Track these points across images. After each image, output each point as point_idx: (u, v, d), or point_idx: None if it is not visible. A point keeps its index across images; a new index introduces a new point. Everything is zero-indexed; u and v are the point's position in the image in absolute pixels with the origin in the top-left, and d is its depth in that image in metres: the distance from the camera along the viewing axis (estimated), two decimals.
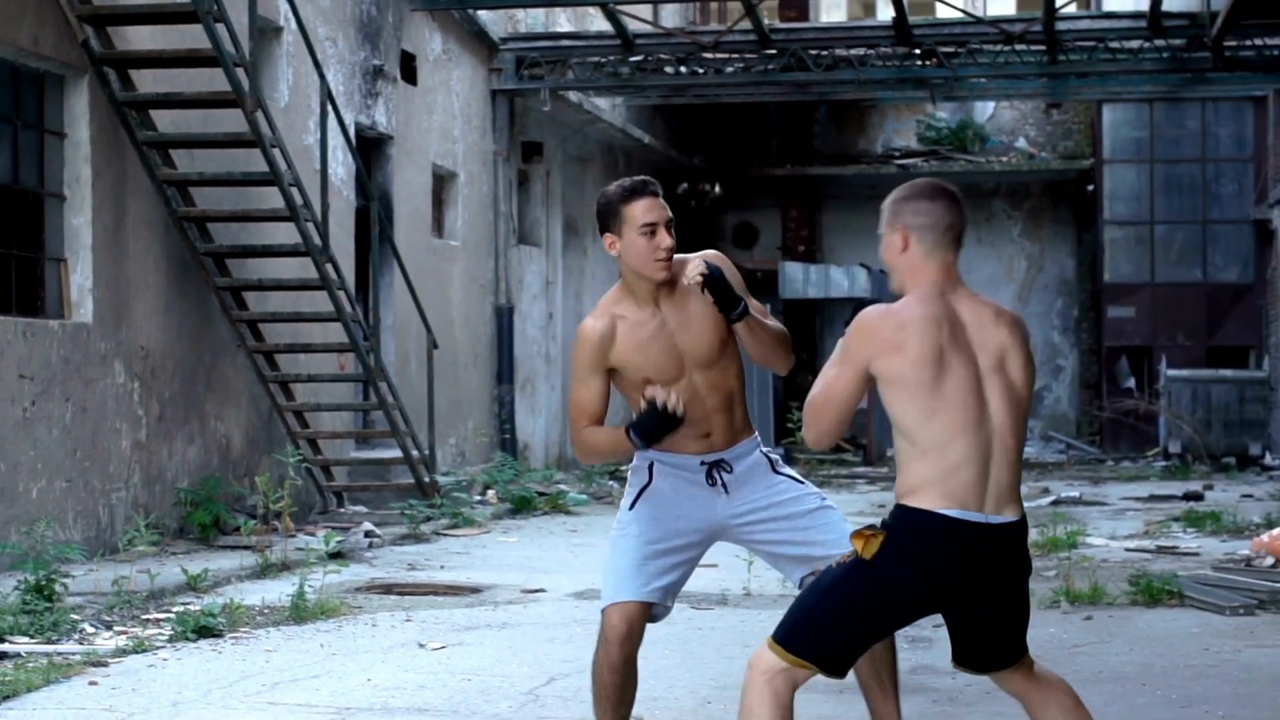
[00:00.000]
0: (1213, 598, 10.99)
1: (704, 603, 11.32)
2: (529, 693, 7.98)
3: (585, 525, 17.16)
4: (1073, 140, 34.18)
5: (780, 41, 22.57)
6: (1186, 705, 7.66)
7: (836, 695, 8.01)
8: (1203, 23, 21.58)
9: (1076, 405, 34.63)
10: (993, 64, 22.47)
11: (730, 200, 33.79)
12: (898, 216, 5.16)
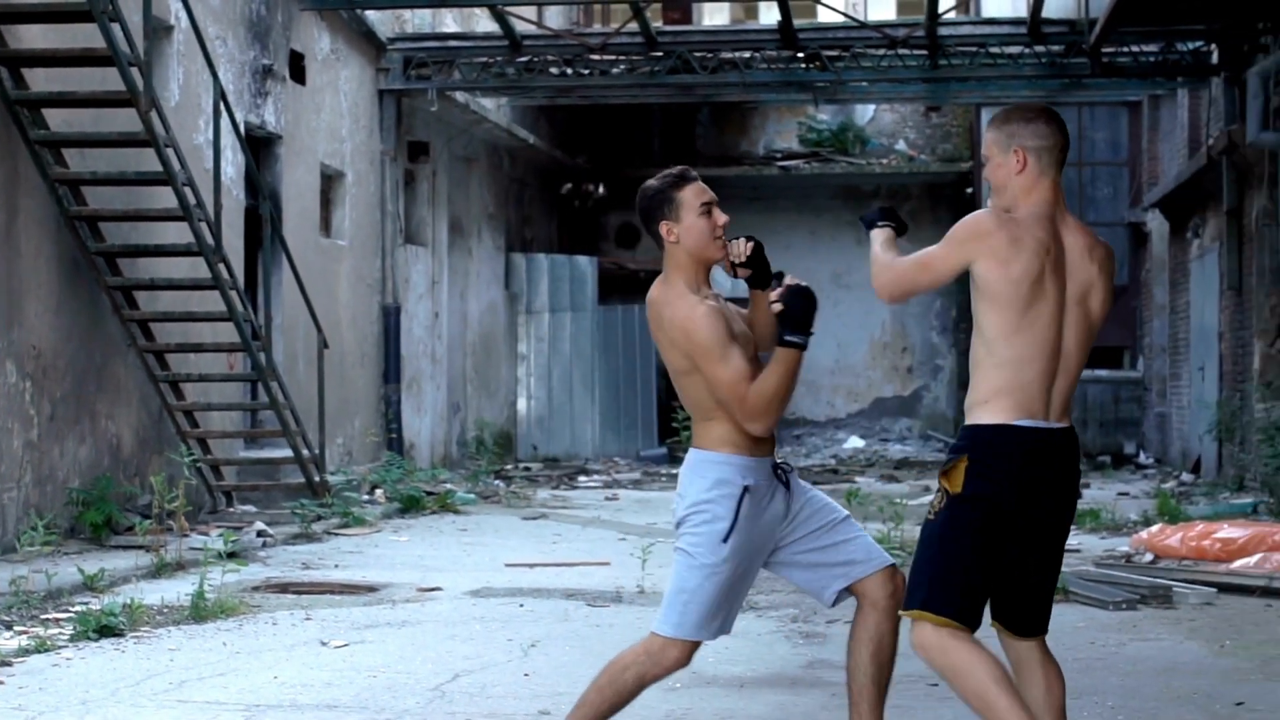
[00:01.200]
0: (1096, 593, 11.28)
1: (600, 600, 11.47)
2: (435, 689, 8.09)
3: (475, 524, 17.25)
4: (951, 143, 34.64)
5: (667, 44, 22.75)
6: (1076, 697, 7.87)
7: (738, 690, 8.20)
8: (1081, 30, 21.98)
9: (955, 404, 35.04)
10: (876, 68, 22.76)
11: (613, 200, 33.94)
12: (1013, 138, 5.51)
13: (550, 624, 10.37)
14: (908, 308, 35.17)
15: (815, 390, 35.07)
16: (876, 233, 5.81)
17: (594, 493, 22.25)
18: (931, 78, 23.27)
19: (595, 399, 29.57)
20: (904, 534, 14.49)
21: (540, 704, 7.72)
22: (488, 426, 26.83)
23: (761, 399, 5.76)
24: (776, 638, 9.89)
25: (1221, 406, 21.95)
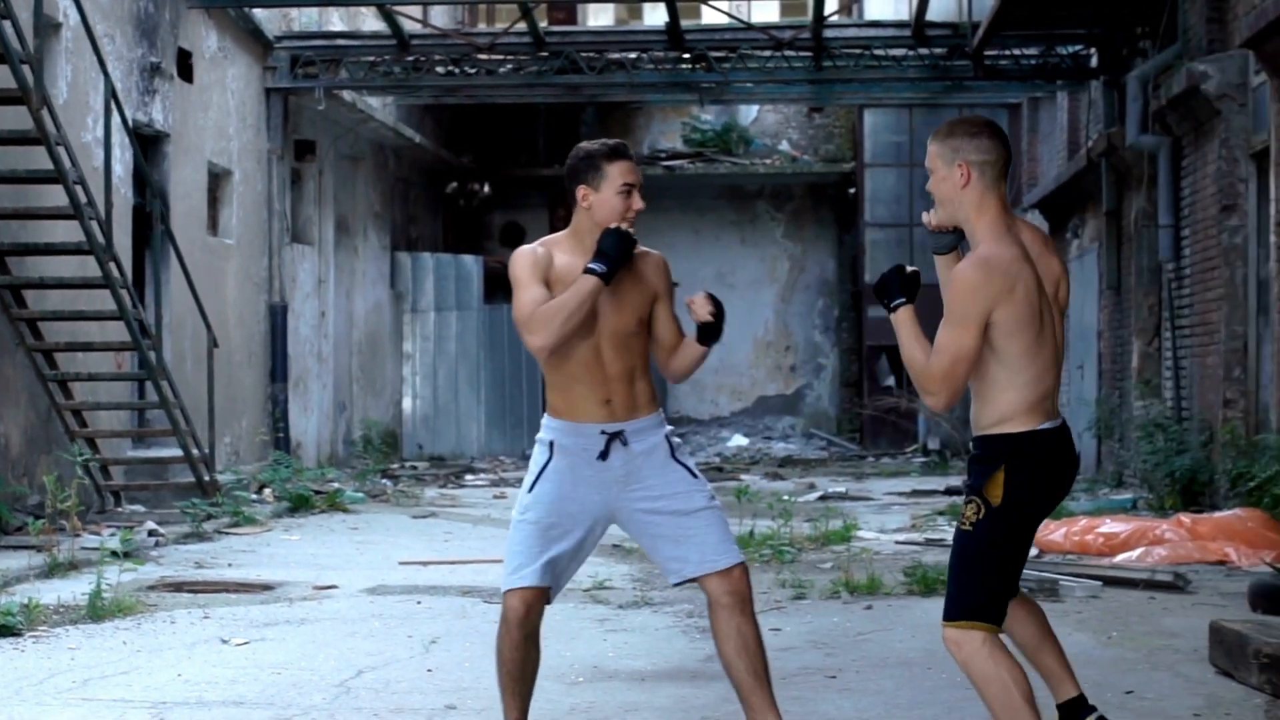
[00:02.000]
0: None
1: (495, 598, 11.48)
2: (340, 685, 8.14)
3: (365, 523, 17.27)
4: (834, 144, 34.95)
5: (555, 44, 22.86)
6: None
7: (639, 683, 8.31)
8: (964, 33, 22.31)
9: (837, 403, 35.41)
10: (762, 69, 22.98)
11: (498, 199, 34.03)
12: (958, 152, 5.62)
13: (449, 621, 10.44)
14: (790, 306, 35.52)
15: (700, 389, 35.27)
16: (902, 321, 5.80)
17: (481, 491, 22.31)
18: (816, 79, 23.52)
19: (481, 398, 29.61)
20: (793, 530, 14.71)
21: (445, 699, 7.80)
22: (374, 425, 26.81)
23: (545, 311, 6.02)
24: (674, 633, 10.00)
25: (1101, 404, 22.34)
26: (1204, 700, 7.57)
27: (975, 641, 5.60)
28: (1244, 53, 15.84)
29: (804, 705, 7.62)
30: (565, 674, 8.50)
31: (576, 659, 8.95)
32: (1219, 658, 8.28)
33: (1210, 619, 9.52)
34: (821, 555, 14.03)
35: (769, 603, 11.09)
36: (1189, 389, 17.94)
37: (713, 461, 29.53)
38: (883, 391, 32.03)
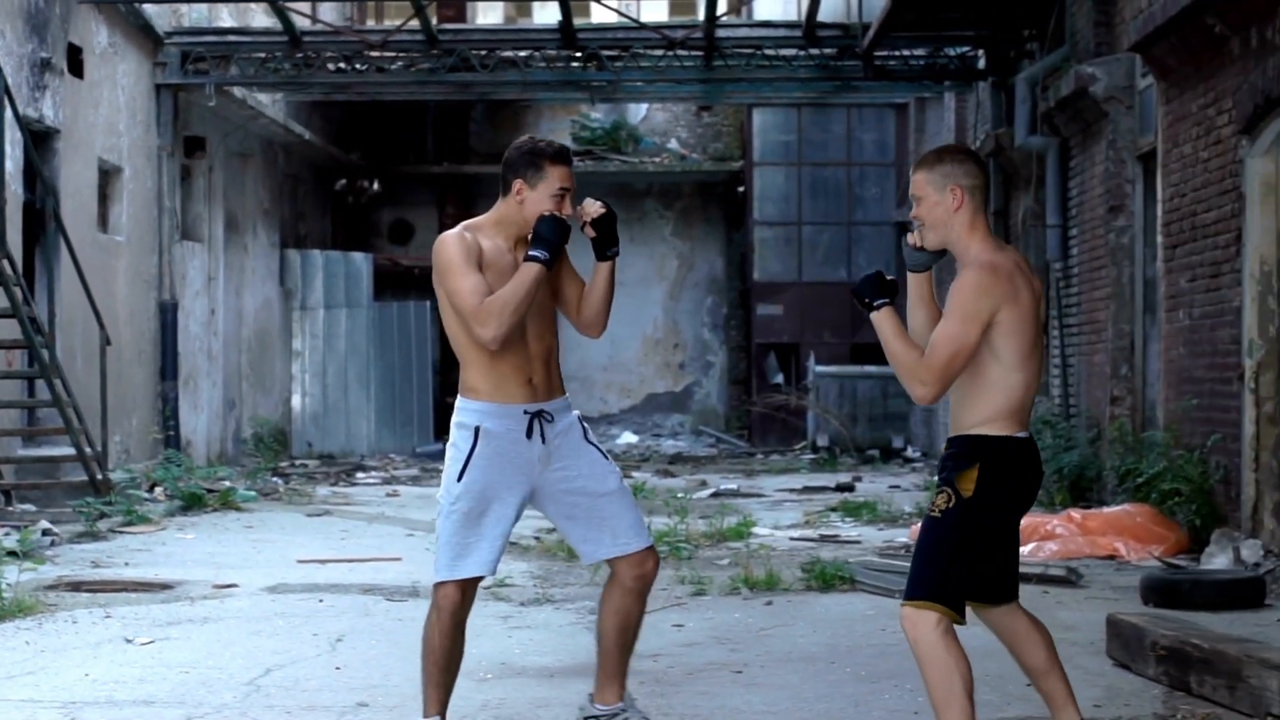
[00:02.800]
0: (882, 582, 11.62)
1: (398, 595, 11.56)
2: (250, 683, 8.16)
3: (260, 522, 17.20)
4: (723, 142, 35.12)
5: (448, 42, 22.85)
6: (877, 681, 8.20)
7: (548, 679, 8.38)
8: (855, 33, 22.51)
9: (726, 400, 35.58)
10: (654, 68, 23.09)
11: (387, 196, 33.92)
12: (948, 178, 5.97)
13: (353, 619, 10.46)
14: (679, 304, 35.64)
15: (589, 386, 35.31)
16: (883, 320, 6.05)
17: (374, 489, 22.26)
18: (707, 78, 23.65)
19: (371, 396, 29.53)
20: (689, 526, 14.82)
21: (356, 696, 7.84)
22: (264, 424, 26.67)
23: (495, 303, 6.20)
24: (577, 629, 10.08)
25: None
26: (1103, 691, 7.74)
27: (929, 623, 5.85)
28: (1131, 56, 16.12)
29: (712, 700, 7.72)
30: (474, 671, 8.53)
31: (484, 656, 8.99)
32: (1116, 650, 8.46)
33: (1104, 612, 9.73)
34: (718, 552, 14.13)
35: (670, 599, 11.20)
36: (1077, 387, 18.23)
37: None
38: (771, 389, 32.25)
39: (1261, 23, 12.41)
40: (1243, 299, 12.84)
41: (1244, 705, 7.08)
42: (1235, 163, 13.03)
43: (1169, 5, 13.73)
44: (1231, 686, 7.18)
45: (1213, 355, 13.57)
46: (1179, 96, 14.44)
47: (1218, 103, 13.45)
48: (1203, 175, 13.82)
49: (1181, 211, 14.36)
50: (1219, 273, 13.41)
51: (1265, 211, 12.74)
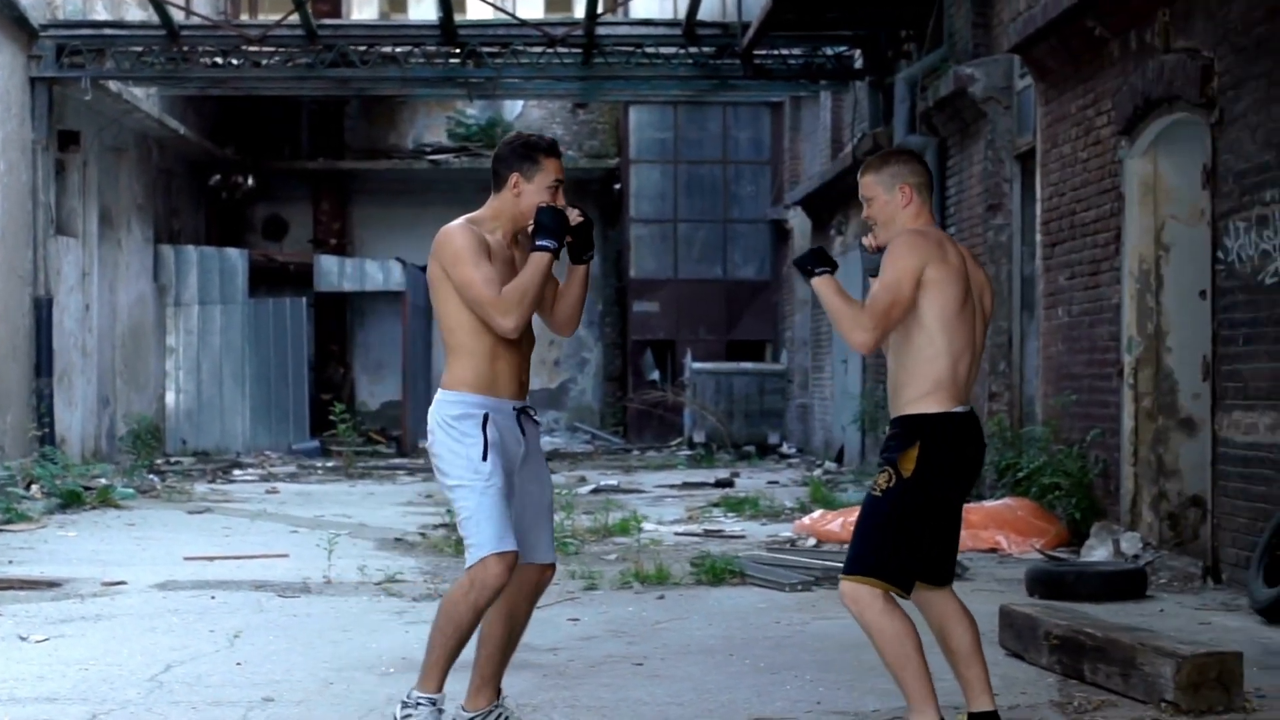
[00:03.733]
0: (772, 576, 11.76)
1: (289, 591, 11.54)
2: (151, 680, 8.13)
3: (141, 519, 17.07)
4: (599, 140, 35.20)
5: (327, 38, 22.76)
6: (776, 672, 8.31)
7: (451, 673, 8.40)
8: (734, 32, 22.66)
9: (601, 397, 35.66)
10: (534, 65, 23.12)
11: (261, 192, 33.71)
12: (896, 177, 6.31)
13: (247, 615, 10.43)
14: None
15: None
16: (823, 284, 6.35)
17: (252, 486, 22.15)
18: (587, 76, 23.71)
19: (246, 392, 29.33)
20: (574, 523, 14.90)
21: (261, 691, 7.84)
22: (139, 420, 26.40)
23: (514, 293, 6.32)
24: None
25: (865, 397, 22.85)
26: (999, 681, 7.85)
27: (870, 597, 6.12)
28: (1009, 57, 16.37)
29: (616, 692, 7.80)
30: (375, 665, 8.58)
31: (384, 650, 9.03)
32: (1009, 640, 8.62)
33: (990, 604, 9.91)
34: (605, 547, 14.21)
35: (562, 594, 11.25)
36: None
37: None
38: (648, 385, 32.37)
39: (1141, 26, 12.66)
40: (1122, 296, 13.10)
41: (1137, 692, 7.25)
42: (1114, 163, 13.29)
43: (1049, 8, 13.97)
44: (1125, 674, 7.35)
45: (1091, 352, 13.82)
46: (1058, 97, 14.69)
47: (1097, 104, 13.70)
48: (1082, 175, 14.07)
49: (1060, 210, 14.60)
50: (1098, 271, 13.66)
51: (1144, 211, 13.00)
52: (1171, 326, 12.96)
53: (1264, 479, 10.59)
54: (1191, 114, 11.84)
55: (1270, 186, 10.46)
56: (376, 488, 22.10)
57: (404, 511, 18.10)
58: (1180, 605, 10.50)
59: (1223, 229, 11.26)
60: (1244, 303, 10.92)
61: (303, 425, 29.73)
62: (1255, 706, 7.12)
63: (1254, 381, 10.76)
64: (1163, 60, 12.16)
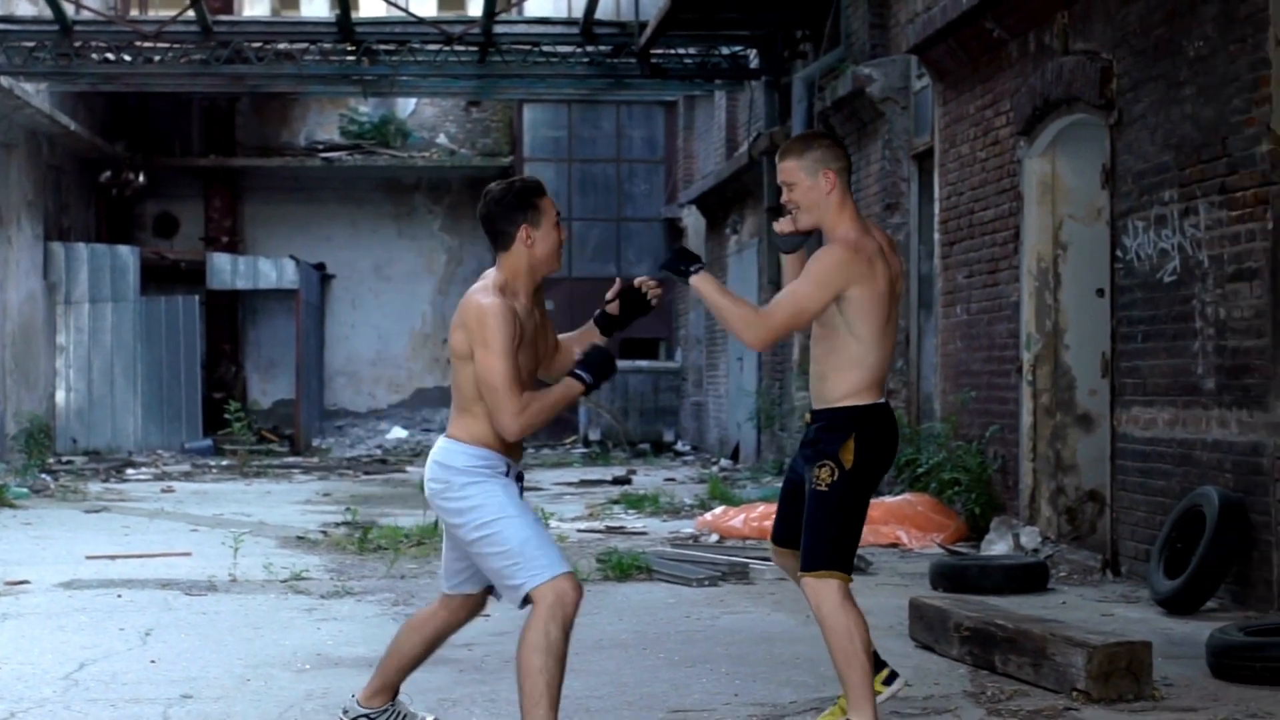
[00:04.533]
0: (679, 571, 11.85)
1: (196, 589, 11.50)
2: (66, 678, 8.10)
3: (37, 518, 16.94)
4: (492, 138, 35.17)
5: (223, 34, 22.64)
6: (691, 665, 8.39)
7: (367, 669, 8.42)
8: (632, 32, 22.75)
9: None
10: (431, 63, 23.10)
11: (152, 189, 33.40)
12: (820, 162, 6.35)
13: (156, 613, 10.39)
14: (448, 299, 35.58)
15: (356, 381, 35.20)
16: (702, 282, 6.35)
17: (147, 485, 22.02)
18: (484, 74, 23.73)
19: (137, 391, 29.10)
20: None
21: (178, 688, 7.83)
22: (30, 419, 26.14)
23: (534, 407, 6.12)
24: (384, 620, 10.12)
25: (762, 395, 23.00)
26: (912, 672, 7.99)
27: (832, 590, 6.27)
28: (907, 58, 16.55)
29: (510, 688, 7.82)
30: (290, 662, 8.59)
31: (297, 647, 9.03)
32: (919, 632, 8.74)
33: (895, 597, 10.08)
34: None
35: None
36: None
37: (375, 454, 29.55)
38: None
39: (1040, 28, 12.85)
40: (1021, 295, 13.28)
41: (1048, 682, 7.39)
42: (1013, 163, 13.47)
43: (948, 9, 14.14)
44: (1036, 664, 7.48)
45: (990, 349, 14.00)
46: (956, 98, 14.87)
47: (996, 104, 13.88)
48: (980, 175, 14.25)
49: (959, 210, 14.78)
50: (997, 269, 13.85)
51: (1042, 210, 13.19)
52: (1069, 324, 13.16)
53: (1163, 473, 10.78)
54: (1091, 115, 12.04)
55: (1169, 187, 10.65)
56: (273, 486, 22.03)
57: (303, 510, 18.06)
58: (1081, 597, 10.67)
59: (1122, 228, 11.45)
60: (1143, 300, 11.12)
61: (195, 424, 29.54)
62: (1163, 695, 7.27)
63: (1153, 378, 10.95)
64: (1062, 62, 12.35)
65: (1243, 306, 9.74)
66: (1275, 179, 9.37)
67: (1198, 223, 10.27)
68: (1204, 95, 10.19)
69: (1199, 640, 8.54)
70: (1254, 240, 9.59)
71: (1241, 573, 9.69)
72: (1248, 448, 9.66)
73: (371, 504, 18.35)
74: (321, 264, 33.99)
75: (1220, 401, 10.00)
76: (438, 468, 6.29)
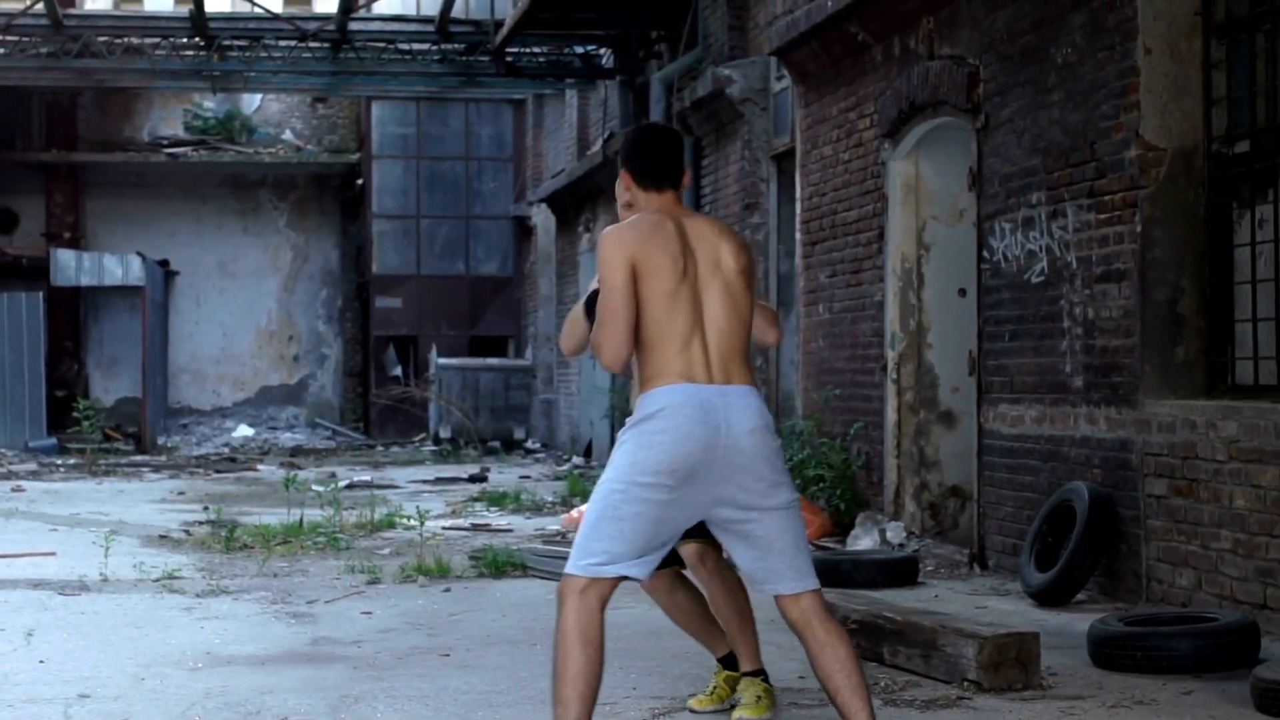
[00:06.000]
0: (553, 568, 11.91)
1: (69, 589, 11.41)
2: None
3: None
4: (339, 134, 35.06)
5: (73, 27, 22.39)
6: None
7: (260, 667, 8.46)
8: (487, 30, 22.80)
9: (341, 393, 35.53)
10: (286, 59, 23.00)
11: None
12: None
13: (34, 614, 10.30)
14: (293, 296, 35.46)
15: (201, 379, 34.94)
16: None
17: None
18: (337, 71, 23.67)
19: None
20: (342, 519, 14.96)
21: (73, 688, 7.79)
22: None
23: None
24: (267, 618, 10.12)
25: (617, 393, 23.12)
26: (801, 665, 8.13)
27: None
28: (767, 59, 16.77)
29: (433, 682, 7.91)
30: (181, 661, 8.57)
31: (185, 646, 9.01)
32: None
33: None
34: (374, 542, 14.27)
35: (347, 588, 11.33)
36: None
37: (223, 452, 29.33)
38: (391, 381, 32.34)
39: (905, 32, 13.10)
40: (885, 294, 13.53)
41: (939, 672, 7.58)
42: (877, 165, 13.72)
43: (813, 13, 14.36)
44: (926, 656, 7.68)
45: (854, 347, 14.24)
46: (819, 100, 15.09)
47: (859, 107, 14.12)
48: (843, 176, 14.49)
49: (821, 210, 15.01)
50: (860, 269, 14.09)
51: (906, 211, 13.45)
52: (932, 323, 13.45)
53: (1030, 469, 11.06)
54: (957, 118, 12.30)
55: (1037, 189, 10.93)
56: (125, 485, 21.81)
57: (160, 509, 17.94)
58: (952, 591, 10.91)
59: (989, 230, 11.72)
60: (1010, 300, 11.39)
61: (39, 422, 29.15)
62: (1050, 684, 7.49)
63: (1020, 376, 11.23)
64: (928, 66, 12.60)
65: (1111, 307, 10.02)
66: (1144, 183, 9.66)
67: (1066, 225, 10.55)
68: (1072, 101, 10.47)
69: (1074, 631, 8.82)
70: (1123, 242, 9.88)
71: (1110, 565, 9.98)
72: (1116, 444, 9.95)
73: (229, 502, 18.24)
74: (165, 260, 33.66)
75: (1089, 399, 10.28)
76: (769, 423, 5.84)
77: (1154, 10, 9.69)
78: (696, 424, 5.56)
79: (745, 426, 5.61)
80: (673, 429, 5.55)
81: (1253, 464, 8.63)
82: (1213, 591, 9.00)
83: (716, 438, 5.56)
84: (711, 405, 5.59)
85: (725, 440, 5.57)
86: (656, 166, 6.06)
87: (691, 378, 5.65)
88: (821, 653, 5.70)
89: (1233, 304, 9.55)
